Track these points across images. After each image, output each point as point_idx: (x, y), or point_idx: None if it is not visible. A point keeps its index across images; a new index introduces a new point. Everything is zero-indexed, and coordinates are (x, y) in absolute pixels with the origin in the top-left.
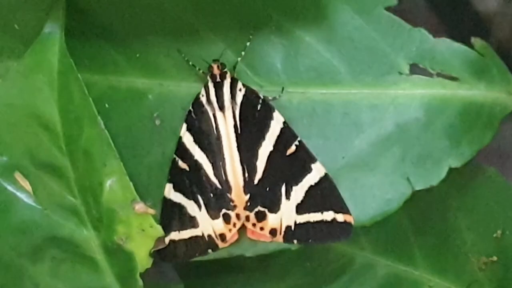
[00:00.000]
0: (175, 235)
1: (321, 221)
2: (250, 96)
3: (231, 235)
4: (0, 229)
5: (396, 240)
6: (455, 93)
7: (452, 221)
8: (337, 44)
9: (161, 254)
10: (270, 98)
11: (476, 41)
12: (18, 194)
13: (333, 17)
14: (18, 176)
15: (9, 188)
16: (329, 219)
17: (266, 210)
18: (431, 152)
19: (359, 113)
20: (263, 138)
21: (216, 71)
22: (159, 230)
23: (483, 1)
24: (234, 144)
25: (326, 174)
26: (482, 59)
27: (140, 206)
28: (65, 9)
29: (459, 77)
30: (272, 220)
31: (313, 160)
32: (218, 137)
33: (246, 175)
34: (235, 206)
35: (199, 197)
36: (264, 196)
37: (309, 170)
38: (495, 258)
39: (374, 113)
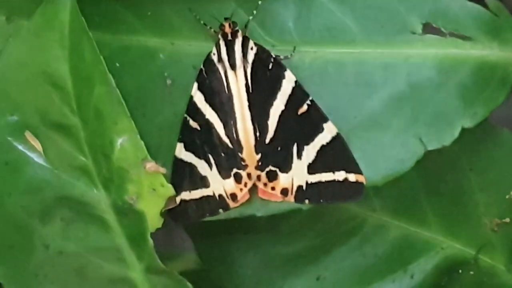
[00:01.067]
0: (186, 195)
1: (333, 181)
2: (262, 55)
3: (242, 194)
4: (10, 189)
5: (407, 202)
6: (468, 53)
7: (464, 182)
8: (349, 3)
9: (171, 214)
10: (281, 57)
11: (490, 1)
12: (29, 153)
13: None
14: (28, 135)
15: (20, 147)
16: (340, 179)
17: (278, 170)
18: (443, 112)
19: (372, 73)
20: (275, 97)
21: (227, 29)
22: (170, 189)
23: None
24: (246, 103)
25: (338, 134)
26: (496, 19)
27: (151, 165)
28: None
29: (472, 37)
30: (283, 179)
31: (325, 119)
32: (230, 96)
33: (258, 134)
34: (246, 166)
35: (210, 157)
36: (275, 156)
37: (320, 129)
38: (507, 220)
39: (387, 72)
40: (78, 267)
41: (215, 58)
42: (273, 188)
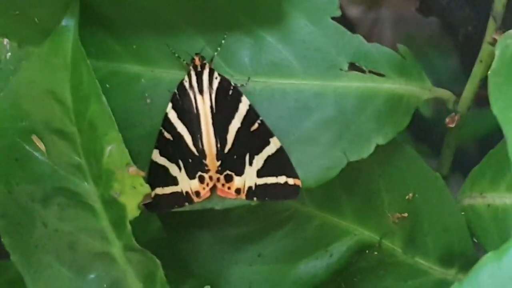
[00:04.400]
0: (159, 190)
1: (276, 183)
2: (224, 83)
3: (205, 192)
4: (18, 179)
5: (329, 198)
6: (382, 86)
7: (374, 184)
8: (292, 45)
9: (147, 206)
10: (239, 85)
11: (400, 46)
12: (34, 152)
13: (291, 23)
14: (34, 138)
15: (27, 147)
16: (282, 182)
17: (233, 174)
18: (362, 132)
19: (308, 100)
20: (233, 117)
21: (197, 62)
22: (147, 188)
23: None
24: (210, 121)
25: (281, 147)
26: (403, 60)
27: (133, 169)
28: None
29: (385, 74)
30: (237, 181)
31: (271, 135)
32: (197, 115)
33: (219, 145)
34: (208, 170)
35: (180, 161)
36: (232, 163)
37: (268, 143)
38: (406, 215)
39: (319, 100)
40: (70, 242)
41: (186, 84)
42: (229, 188)
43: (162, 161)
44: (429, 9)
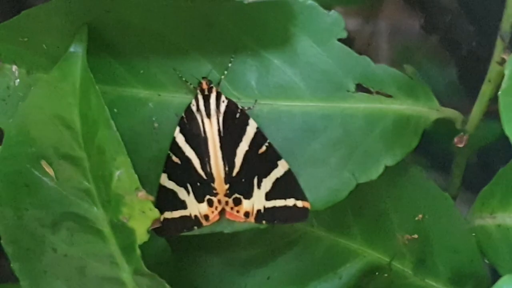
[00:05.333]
0: (168, 214)
1: (285, 206)
2: (231, 106)
3: (213, 216)
4: (28, 205)
5: (339, 220)
6: (389, 107)
7: (382, 205)
8: (299, 67)
9: (156, 230)
10: (246, 108)
11: (406, 67)
12: (43, 177)
13: (297, 46)
14: (44, 163)
15: (36, 173)
16: (290, 204)
17: (242, 197)
18: (371, 153)
19: (315, 122)
20: (241, 140)
21: (204, 86)
22: (156, 213)
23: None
24: (218, 144)
25: (289, 169)
26: (411, 81)
27: (142, 194)
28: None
29: (392, 95)
30: (246, 205)
31: (279, 157)
32: (205, 138)
33: (227, 169)
34: (217, 193)
35: (188, 185)
36: (240, 186)
37: (276, 165)
38: (416, 236)
39: (327, 121)
40: (79, 267)
41: (194, 108)
42: (238, 211)
43: (171, 185)
44: (434, 27)
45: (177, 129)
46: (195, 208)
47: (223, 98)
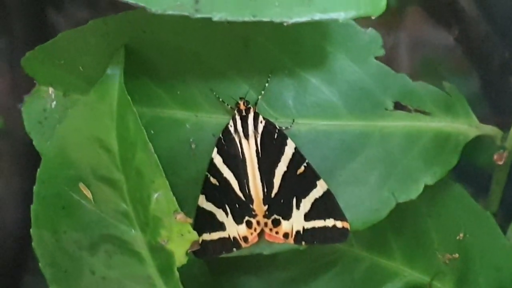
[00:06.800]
0: (206, 236)
1: (324, 227)
2: (269, 126)
3: (252, 237)
4: (66, 227)
5: (378, 239)
6: (428, 125)
7: (423, 225)
8: (336, 85)
9: (195, 253)
10: (283, 128)
11: (445, 84)
12: (81, 200)
13: (334, 64)
14: (82, 186)
15: (74, 195)
16: (330, 225)
17: (281, 218)
18: (410, 172)
19: (353, 140)
20: (279, 160)
21: (242, 106)
22: (195, 235)
23: None
24: (256, 165)
25: (328, 189)
26: (450, 98)
27: (181, 216)
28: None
29: (431, 112)
30: (285, 226)
31: (318, 178)
32: (243, 160)
33: (265, 190)
34: (256, 215)
35: (227, 207)
36: (279, 207)
37: (314, 186)
38: (457, 255)
39: (365, 140)
40: None
41: (231, 129)
42: (277, 233)
43: (209, 206)
44: (468, 39)
45: (215, 150)
46: (233, 229)
47: (260, 118)
